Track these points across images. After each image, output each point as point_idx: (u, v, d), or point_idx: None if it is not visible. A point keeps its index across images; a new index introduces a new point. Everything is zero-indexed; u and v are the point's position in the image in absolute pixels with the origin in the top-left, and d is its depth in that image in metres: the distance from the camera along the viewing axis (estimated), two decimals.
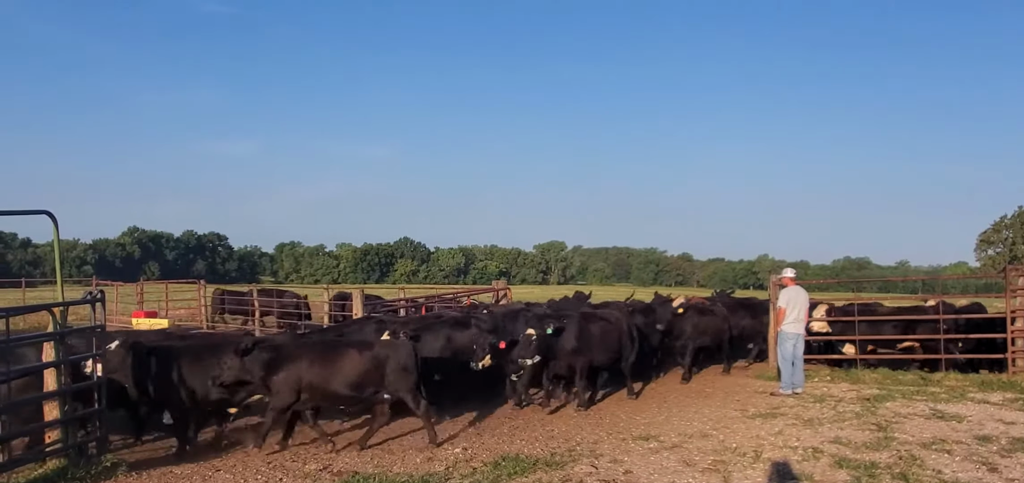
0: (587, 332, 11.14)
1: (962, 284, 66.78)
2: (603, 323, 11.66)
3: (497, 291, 19.70)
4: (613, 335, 11.61)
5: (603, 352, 11.36)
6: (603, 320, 11.81)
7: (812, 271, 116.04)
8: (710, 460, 8.02)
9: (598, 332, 11.35)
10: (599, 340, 11.27)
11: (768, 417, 10.22)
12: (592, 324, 11.47)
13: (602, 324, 11.62)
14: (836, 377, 13.32)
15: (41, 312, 8.19)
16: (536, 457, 8.07)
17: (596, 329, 11.37)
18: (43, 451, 7.34)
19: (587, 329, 11.20)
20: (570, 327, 10.94)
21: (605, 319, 11.89)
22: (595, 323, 11.56)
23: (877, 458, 7.95)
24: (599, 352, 11.26)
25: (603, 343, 11.35)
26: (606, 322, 11.75)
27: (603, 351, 11.36)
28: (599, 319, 11.84)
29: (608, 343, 11.47)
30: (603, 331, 11.47)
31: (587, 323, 11.38)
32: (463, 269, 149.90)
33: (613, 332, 11.65)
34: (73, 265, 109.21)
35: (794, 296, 12.44)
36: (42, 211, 7.82)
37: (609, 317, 12.06)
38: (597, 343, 11.21)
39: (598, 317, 11.99)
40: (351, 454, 8.38)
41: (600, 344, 11.27)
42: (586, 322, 11.40)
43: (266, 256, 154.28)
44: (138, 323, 23.43)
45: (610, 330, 11.62)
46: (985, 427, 9.36)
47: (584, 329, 11.13)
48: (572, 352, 10.82)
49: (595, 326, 11.45)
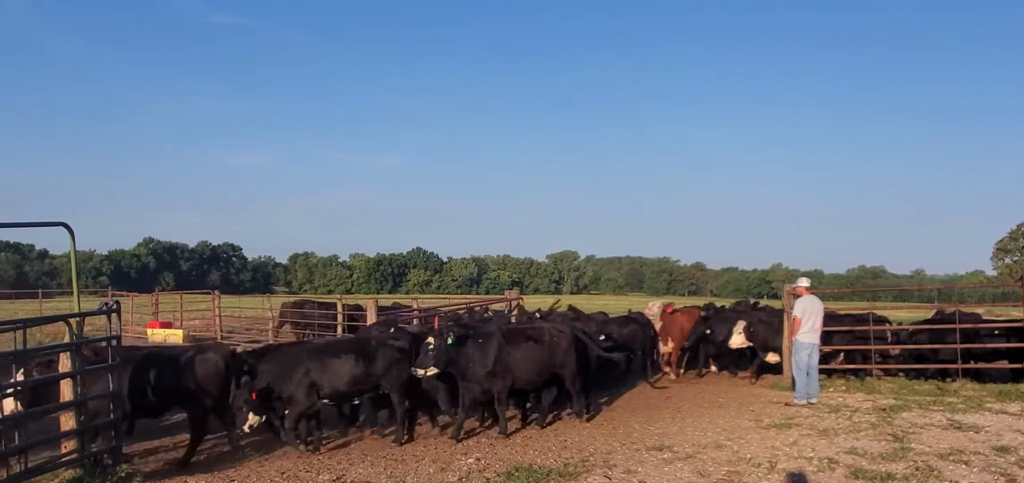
0: (507, 352, 9.94)
1: (979, 293, 66.21)
2: (530, 342, 10.35)
3: (510, 301, 19.67)
4: (543, 354, 10.33)
5: (530, 373, 10.18)
6: (531, 338, 10.46)
7: (826, 280, 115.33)
8: (724, 471, 7.97)
9: (522, 352, 10.12)
10: (523, 361, 10.07)
11: (783, 427, 10.14)
12: (515, 342, 10.21)
13: (529, 343, 10.32)
14: (851, 387, 13.20)
15: (58, 323, 8.26)
16: (549, 467, 8.05)
17: (520, 349, 10.14)
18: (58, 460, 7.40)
19: (507, 348, 9.98)
20: (488, 346, 9.84)
21: (533, 337, 10.52)
22: (520, 342, 10.29)
23: (893, 469, 7.86)
24: (524, 373, 10.10)
25: (528, 364, 10.14)
26: (534, 341, 10.39)
27: (530, 372, 10.17)
28: (526, 337, 10.50)
29: (535, 364, 10.22)
30: (530, 350, 10.22)
31: (509, 342, 10.13)
32: (476, 279, 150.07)
33: (543, 351, 10.35)
34: (89, 276, 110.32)
35: (809, 305, 12.35)
36: (59, 223, 7.92)
37: (539, 334, 10.61)
38: (521, 364, 10.04)
39: (524, 334, 10.60)
40: (365, 463, 8.39)
41: (524, 365, 10.08)
42: (508, 340, 10.14)
43: (280, 266, 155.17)
44: (153, 334, 23.65)
45: (539, 349, 10.32)
46: (1003, 438, 9.24)
47: (504, 349, 9.91)
48: (489, 375, 9.70)
49: (519, 345, 10.19)
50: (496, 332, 10.21)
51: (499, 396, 9.83)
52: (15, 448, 6.89)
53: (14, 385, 7.27)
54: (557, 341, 10.53)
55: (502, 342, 9.92)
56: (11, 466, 6.91)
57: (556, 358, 10.45)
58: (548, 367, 10.39)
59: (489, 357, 9.72)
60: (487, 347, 9.79)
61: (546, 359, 10.35)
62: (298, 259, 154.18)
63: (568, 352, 10.60)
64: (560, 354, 10.49)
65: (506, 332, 10.38)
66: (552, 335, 10.60)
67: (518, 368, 10.00)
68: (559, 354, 10.48)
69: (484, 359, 9.70)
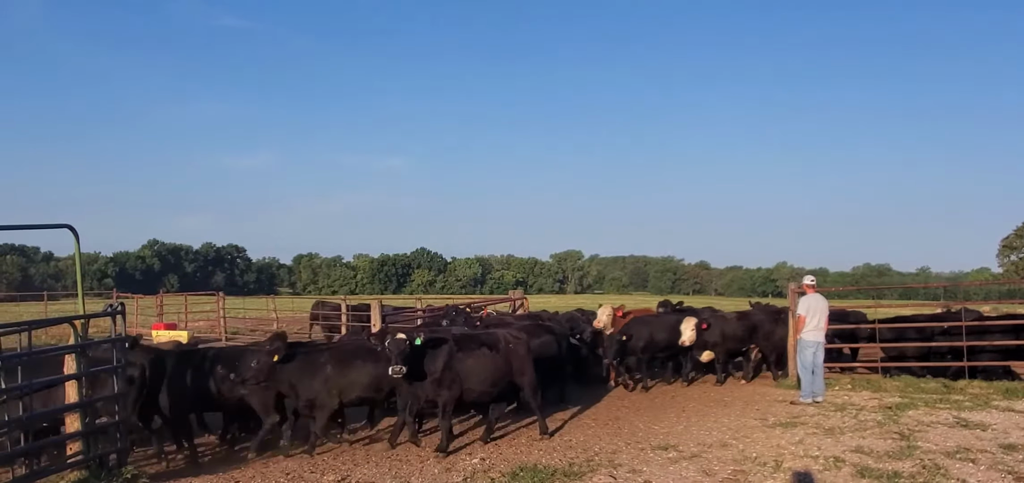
0: (457, 359, 9.21)
1: (984, 291, 66.00)
2: (484, 349, 9.56)
3: (514, 301, 19.68)
4: (498, 363, 9.52)
5: (483, 383, 9.38)
6: (486, 345, 9.65)
7: (831, 278, 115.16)
8: (730, 470, 7.96)
9: (474, 360, 9.34)
10: (475, 370, 9.28)
11: (788, 426, 10.12)
12: (467, 350, 9.43)
13: (482, 350, 9.53)
14: (857, 385, 13.17)
15: (63, 325, 8.27)
16: (554, 467, 8.05)
17: (472, 357, 9.36)
18: (64, 462, 7.41)
19: (458, 356, 9.25)
20: (437, 354, 9.12)
21: (489, 344, 9.69)
22: (473, 349, 9.49)
23: (900, 467, 7.84)
24: (476, 383, 9.32)
25: (482, 373, 9.34)
26: (488, 348, 9.60)
27: (483, 382, 9.37)
28: (480, 343, 9.68)
29: (489, 373, 9.41)
30: (483, 359, 9.43)
31: (461, 349, 9.37)
32: (480, 279, 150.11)
33: (498, 360, 9.54)
34: (94, 278, 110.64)
35: (813, 304, 12.33)
36: (64, 225, 7.92)
37: (494, 341, 9.77)
38: (473, 374, 9.26)
39: (479, 341, 9.77)
40: (370, 464, 8.39)
41: (476, 374, 9.29)
42: (460, 348, 9.38)
43: (284, 268, 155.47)
44: (158, 335, 23.67)
45: (493, 357, 9.52)
46: (1010, 435, 9.21)
47: (454, 356, 9.20)
48: (434, 383, 9.01)
49: (471, 353, 9.41)
50: (448, 338, 9.55)
51: (444, 408, 9.03)
52: (21, 450, 6.90)
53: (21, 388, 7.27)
54: (514, 349, 9.73)
55: (453, 349, 9.24)
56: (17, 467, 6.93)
57: (513, 366, 9.63)
58: (503, 376, 9.58)
59: (437, 364, 9.02)
60: (436, 354, 9.09)
61: (501, 368, 9.54)
62: (302, 260, 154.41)
63: (526, 360, 9.78)
64: (517, 362, 9.68)
65: (458, 338, 9.68)
66: (509, 342, 9.77)
67: (470, 378, 9.24)
68: (516, 362, 9.67)
69: (431, 366, 9.00)
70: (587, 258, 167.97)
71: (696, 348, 13.99)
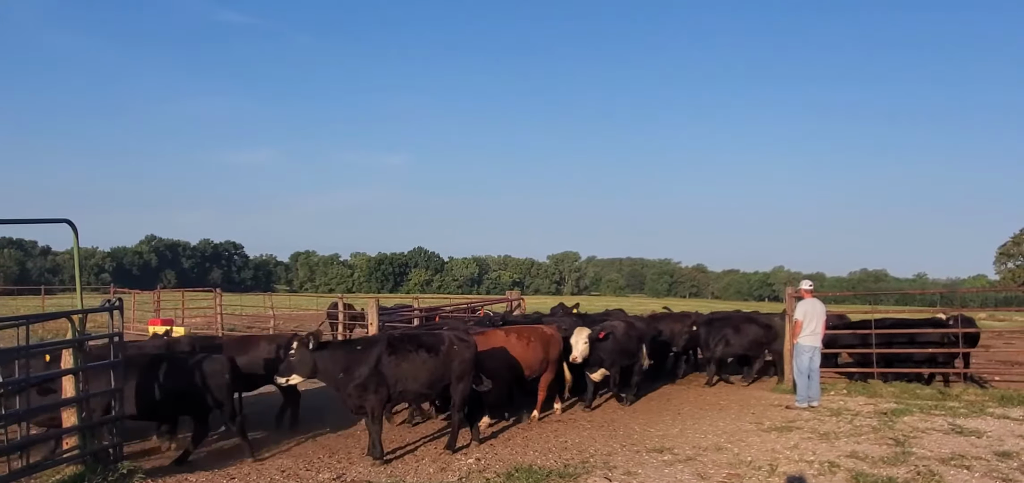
0: (386, 362, 8.56)
1: (981, 297, 66.11)
2: (421, 352, 8.85)
3: (511, 301, 19.68)
4: (437, 366, 8.86)
5: (419, 385, 8.83)
6: (424, 347, 8.93)
7: (828, 283, 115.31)
8: (725, 474, 7.97)
9: (408, 364, 8.70)
10: (408, 373, 8.67)
11: (784, 430, 10.14)
12: (401, 352, 8.74)
13: (419, 353, 8.83)
14: (853, 390, 13.20)
15: (60, 319, 8.27)
16: (549, 468, 8.06)
17: (405, 360, 8.71)
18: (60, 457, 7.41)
19: (388, 359, 8.59)
20: (364, 354, 8.60)
21: (428, 346, 8.96)
22: (408, 351, 8.80)
23: (895, 473, 7.86)
24: (410, 387, 8.80)
25: (419, 376, 8.75)
26: (427, 350, 8.88)
27: (418, 385, 8.82)
28: (418, 345, 8.95)
29: (426, 376, 8.81)
30: (418, 362, 8.77)
31: (393, 351, 8.69)
32: (477, 279, 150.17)
33: (437, 363, 8.86)
34: (91, 273, 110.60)
35: (810, 308, 12.35)
36: (62, 220, 7.92)
37: (434, 343, 9.05)
38: (405, 377, 8.66)
39: (416, 342, 9.03)
40: (364, 463, 8.39)
41: (410, 378, 8.70)
42: (391, 349, 8.70)
43: (281, 265, 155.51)
44: (155, 331, 23.64)
45: (431, 360, 8.84)
46: (1005, 443, 9.24)
47: (382, 359, 8.57)
48: (358, 388, 8.43)
49: (406, 356, 8.74)
50: (381, 338, 9.02)
51: (372, 412, 8.47)
52: (17, 444, 6.90)
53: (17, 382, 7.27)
54: (456, 353, 9.00)
55: (383, 351, 8.62)
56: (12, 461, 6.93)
57: (451, 371, 8.95)
58: (440, 381, 8.95)
59: (361, 368, 8.48)
60: (362, 356, 8.57)
61: (439, 372, 8.88)
62: (299, 258, 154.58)
63: (467, 366, 9.05)
64: (458, 367, 8.97)
65: (392, 339, 8.97)
66: (451, 345, 9.05)
67: (401, 381, 8.64)
68: (457, 367, 8.96)
69: (355, 369, 8.46)
70: (584, 259, 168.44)
71: (591, 364, 11.58)
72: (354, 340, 8.95)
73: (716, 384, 14.44)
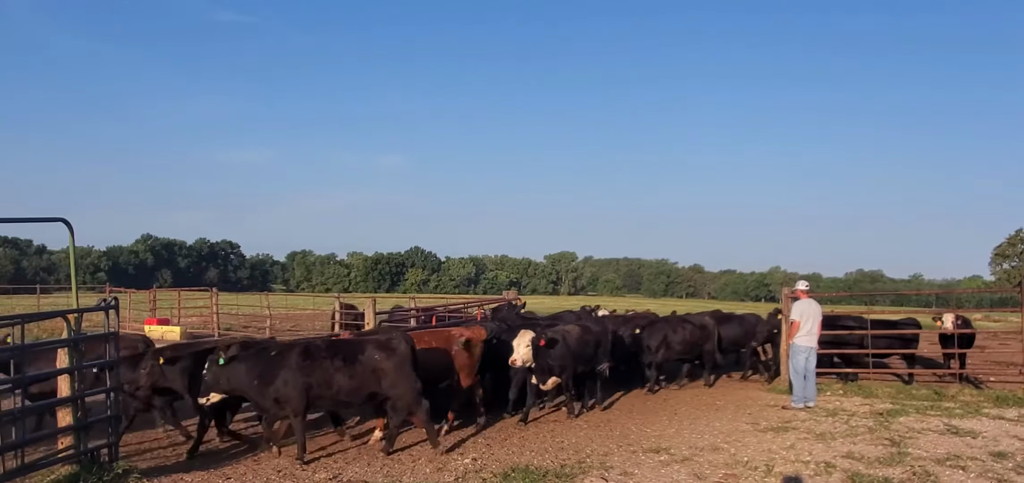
0: (297, 374, 8.28)
1: (977, 298, 66.23)
2: (339, 360, 8.51)
3: (508, 301, 19.66)
4: (361, 376, 8.53)
5: (342, 395, 8.53)
6: (345, 356, 8.57)
7: (824, 283, 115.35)
8: (721, 474, 7.98)
9: (325, 374, 8.41)
10: (326, 384, 8.40)
11: (780, 431, 10.16)
12: (317, 361, 8.42)
13: (338, 362, 8.50)
14: (849, 391, 13.23)
15: (56, 318, 8.25)
16: (546, 468, 8.06)
17: (322, 370, 8.40)
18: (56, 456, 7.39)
19: (301, 369, 8.31)
20: (278, 364, 8.32)
21: (349, 355, 8.59)
22: (326, 360, 8.47)
23: (890, 474, 7.88)
24: (330, 398, 8.54)
25: (341, 385, 8.45)
26: (346, 360, 8.53)
27: (341, 394, 8.52)
28: (337, 353, 8.59)
29: (348, 386, 8.48)
30: (338, 372, 8.45)
31: (309, 360, 8.40)
32: (474, 279, 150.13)
33: (360, 373, 8.53)
34: (87, 272, 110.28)
35: (807, 309, 12.37)
36: (58, 218, 7.90)
37: (355, 351, 8.66)
38: (324, 387, 8.40)
39: (336, 350, 8.66)
40: (361, 462, 8.38)
41: (330, 389, 8.43)
42: (306, 358, 8.40)
43: (278, 264, 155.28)
44: (151, 330, 23.60)
45: (353, 370, 8.51)
46: (1000, 443, 9.26)
47: (296, 370, 8.29)
48: (274, 404, 8.29)
49: (321, 365, 8.42)
50: (297, 345, 8.69)
51: (297, 427, 8.40)
52: (12, 443, 6.88)
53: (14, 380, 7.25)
54: (382, 362, 8.56)
55: (298, 359, 8.35)
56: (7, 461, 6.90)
57: (381, 382, 8.57)
58: (361, 391, 8.60)
59: (276, 376, 8.26)
60: (276, 363, 8.33)
61: (362, 383, 8.55)
62: (296, 257, 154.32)
63: (399, 374, 8.60)
64: (386, 378, 8.57)
65: (308, 346, 8.65)
66: (377, 353, 8.63)
67: (318, 389, 8.38)
68: (385, 378, 8.57)
69: (270, 377, 8.27)
70: (581, 259, 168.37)
71: (538, 372, 10.56)
72: (269, 347, 8.70)
73: (658, 391, 13.64)
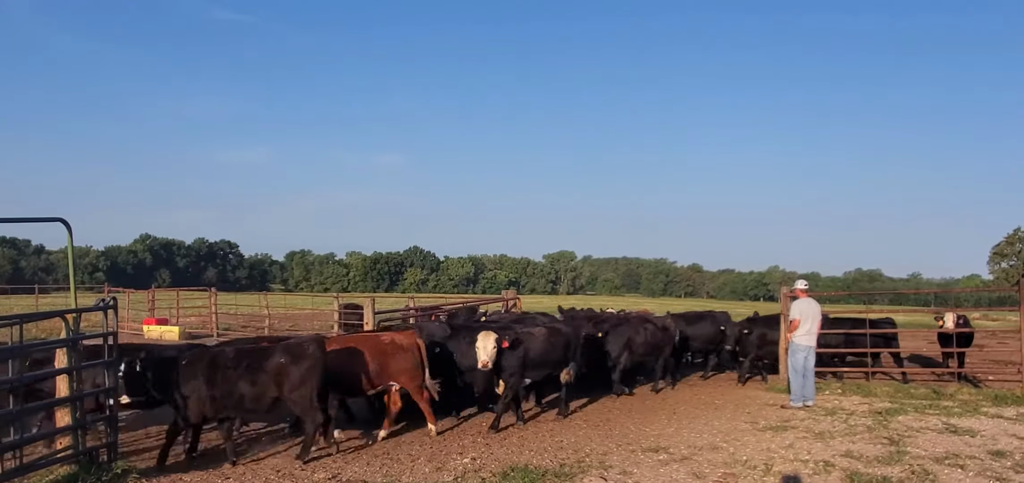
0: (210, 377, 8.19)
1: (975, 297, 66.28)
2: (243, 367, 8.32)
3: (507, 300, 19.69)
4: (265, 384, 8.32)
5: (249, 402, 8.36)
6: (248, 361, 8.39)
7: (823, 283, 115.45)
8: (720, 473, 7.98)
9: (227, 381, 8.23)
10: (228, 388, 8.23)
11: (779, 430, 10.16)
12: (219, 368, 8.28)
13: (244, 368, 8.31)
14: (847, 390, 13.24)
15: (54, 318, 8.24)
16: (545, 468, 8.06)
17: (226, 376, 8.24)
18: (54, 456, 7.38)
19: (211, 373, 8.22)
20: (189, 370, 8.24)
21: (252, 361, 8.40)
22: (231, 366, 8.31)
23: (889, 472, 7.88)
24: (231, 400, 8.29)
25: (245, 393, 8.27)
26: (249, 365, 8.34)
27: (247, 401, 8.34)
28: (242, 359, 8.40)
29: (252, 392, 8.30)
30: (241, 378, 8.26)
31: (218, 365, 8.30)
32: (472, 278, 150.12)
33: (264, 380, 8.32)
34: (85, 272, 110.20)
35: (805, 308, 12.38)
36: (56, 218, 7.90)
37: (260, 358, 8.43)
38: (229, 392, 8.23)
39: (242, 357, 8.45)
40: (360, 462, 8.38)
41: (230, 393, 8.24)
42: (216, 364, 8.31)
43: (276, 264, 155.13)
44: (149, 330, 23.60)
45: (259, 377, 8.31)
46: (999, 442, 9.27)
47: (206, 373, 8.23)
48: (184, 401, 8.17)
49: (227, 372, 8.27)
50: (205, 351, 8.73)
51: (225, 433, 8.59)
52: (10, 443, 6.87)
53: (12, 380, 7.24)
54: (286, 369, 8.35)
55: (206, 365, 8.30)
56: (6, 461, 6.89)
57: (284, 389, 8.34)
58: (265, 395, 8.38)
59: (185, 382, 8.22)
60: (185, 370, 8.28)
61: (264, 388, 8.34)
62: (295, 257, 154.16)
63: (305, 380, 8.38)
64: (290, 384, 8.33)
65: (215, 353, 8.61)
66: (280, 360, 8.40)
67: (225, 396, 8.25)
68: (288, 385, 8.33)
69: (180, 383, 8.23)
70: (580, 259, 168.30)
71: (505, 373, 10.22)
72: (181, 354, 8.65)
73: (622, 395, 13.07)
